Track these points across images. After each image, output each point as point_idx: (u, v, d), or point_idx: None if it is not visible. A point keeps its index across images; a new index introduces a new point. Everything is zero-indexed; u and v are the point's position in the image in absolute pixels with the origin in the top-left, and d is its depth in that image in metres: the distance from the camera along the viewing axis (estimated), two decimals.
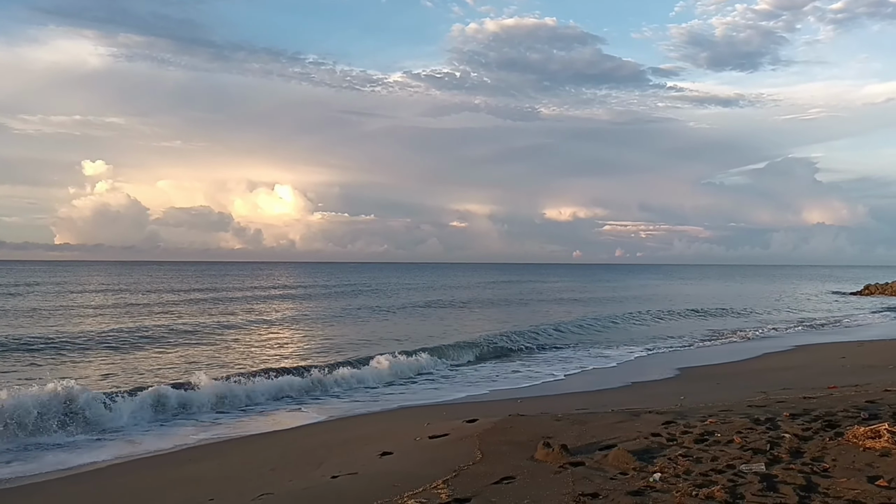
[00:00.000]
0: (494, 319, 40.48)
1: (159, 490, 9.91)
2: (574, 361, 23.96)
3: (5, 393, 13.73)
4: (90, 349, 24.81)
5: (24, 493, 10.23)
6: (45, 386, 14.46)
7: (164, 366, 21.84)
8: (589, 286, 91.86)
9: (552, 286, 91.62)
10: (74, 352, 24.20)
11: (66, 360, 22.65)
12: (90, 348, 25.05)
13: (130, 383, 17.75)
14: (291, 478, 9.73)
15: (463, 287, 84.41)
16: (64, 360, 22.61)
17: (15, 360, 22.05)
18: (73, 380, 15.53)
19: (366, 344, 27.67)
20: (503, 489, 7.59)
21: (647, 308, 49.67)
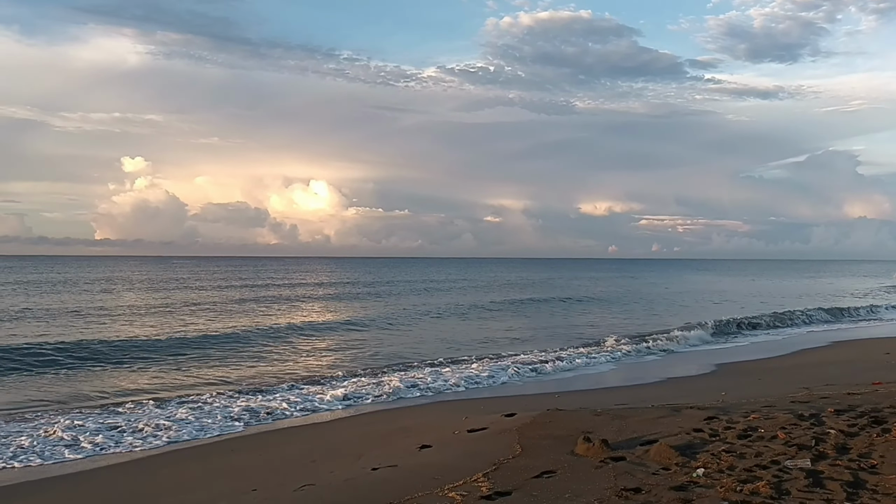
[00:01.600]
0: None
1: (205, 479, 10.09)
2: (608, 357, 23.78)
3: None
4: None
5: (78, 480, 10.47)
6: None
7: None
8: (628, 282, 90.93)
9: (586, 281, 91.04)
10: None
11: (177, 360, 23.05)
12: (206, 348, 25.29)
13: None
14: (332, 469, 9.82)
15: (541, 283, 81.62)
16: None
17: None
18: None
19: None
20: (544, 483, 7.59)
21: (682, 303, 49.22)
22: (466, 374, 19.32)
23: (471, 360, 22.01)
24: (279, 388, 17.54)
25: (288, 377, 19.25)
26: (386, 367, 20.95)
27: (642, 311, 44.22)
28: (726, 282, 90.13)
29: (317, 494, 8.30)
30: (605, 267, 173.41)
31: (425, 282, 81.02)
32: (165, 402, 15.85)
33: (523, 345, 26.56)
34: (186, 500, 9.09)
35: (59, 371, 19.89)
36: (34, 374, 19.46)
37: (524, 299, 52.28)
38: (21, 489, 10.07)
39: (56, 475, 10.66)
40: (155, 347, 24.28)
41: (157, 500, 9.26)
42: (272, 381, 18.62)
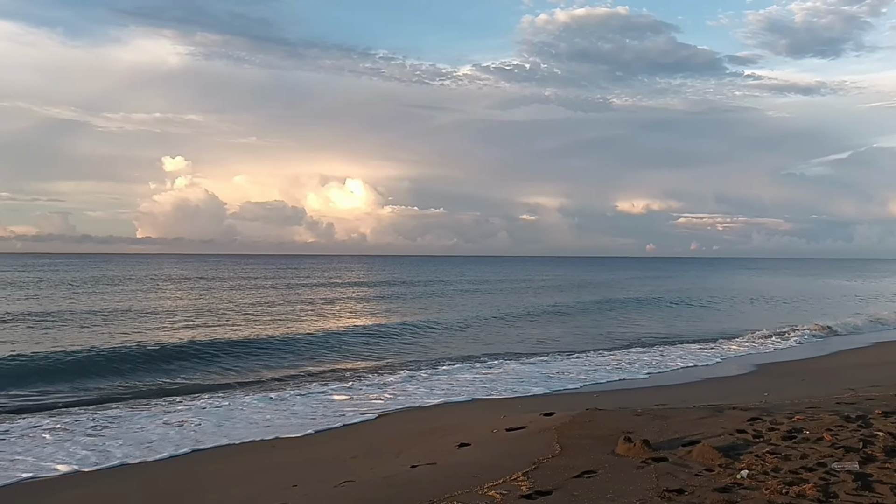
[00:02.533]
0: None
1: (246, 475, 10.19)
2: (647, 356, 23.55)
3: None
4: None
5: (122, 476, 10.66)
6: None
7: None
8: (665, 281, 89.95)
9: (622, 278, 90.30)
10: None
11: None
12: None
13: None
14: (372, 466, 9.88)
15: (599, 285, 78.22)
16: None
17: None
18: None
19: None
20: (585, 483, 7.54)
21: (723, 302, 48.58)
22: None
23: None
24: (322, 385, 17.70)
25: (330, 374, 19.43)
26: (429, 363, 21.03)
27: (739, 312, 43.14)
28: (781, 281, 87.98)
29: (357, 491, 8.34)
30: (649, 266, 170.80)
31: (492, 282, 79.14)
32: (209, 397, 16.11)
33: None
34: (229, 496, 9.19)
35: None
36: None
37: (602, 300, 51.35)
38: (61, 483, 10.27)
39: (104, 471, 10.82)
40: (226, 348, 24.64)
41: (200, 496, 9.37)
42: (313, 379, 18.79)
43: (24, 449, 11.73)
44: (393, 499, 7.71)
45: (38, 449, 11.76)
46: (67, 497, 9.55)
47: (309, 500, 8.18)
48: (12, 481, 10.13)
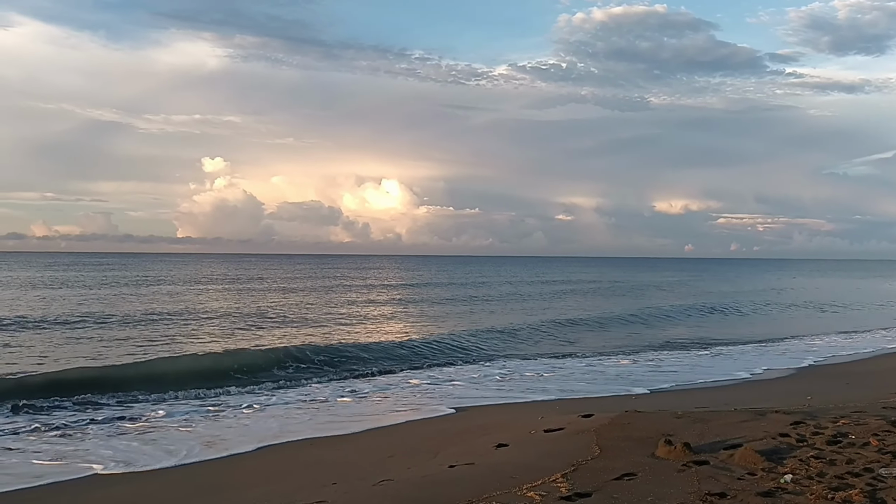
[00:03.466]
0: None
1: (286, 472, 10.33)
2: (686, 358, 23.31)
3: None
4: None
5: (165, 473, 10.85)
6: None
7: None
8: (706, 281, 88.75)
9: (664, 278, 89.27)
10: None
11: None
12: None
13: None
14: (410, 465, 9.91)
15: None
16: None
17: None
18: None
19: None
20: (625, 485, 7.48)
21: (765, 302, 47.86)
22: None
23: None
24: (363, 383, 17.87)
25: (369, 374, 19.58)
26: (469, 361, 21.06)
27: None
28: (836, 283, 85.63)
29: (395, 490, 8.37)
30: (689, 267, 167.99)
31: (535, 283, 76.88)
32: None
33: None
34: (270, 492, 9.29)
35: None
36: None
37: (642, 300, 50.73)
38: (115, 479, 10.49)
39: (147, 469, 10.99)
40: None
41: (241, 492, 9.49)
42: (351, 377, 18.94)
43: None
44: (431, 498, 7.72)
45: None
46: (119, 492, 9.74)
47: (348, 498, 8.23)
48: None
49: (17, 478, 10.26)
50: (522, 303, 48.04)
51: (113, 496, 9.57)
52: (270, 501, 8.74)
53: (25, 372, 18.17)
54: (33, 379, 17.23)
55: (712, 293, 61.31)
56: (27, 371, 18.33)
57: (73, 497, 9.57)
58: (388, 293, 57.62)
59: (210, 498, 9.31)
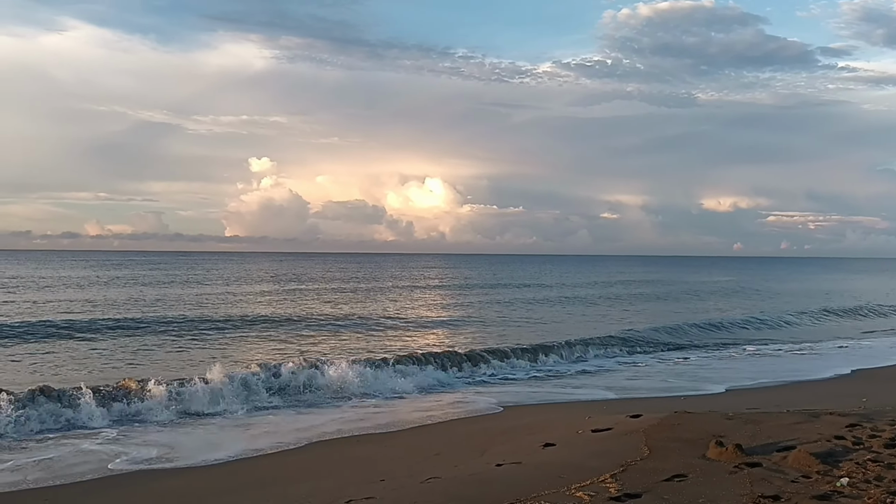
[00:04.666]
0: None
1: (333, 468, 10.41)
2: (737, 359, 22.95)
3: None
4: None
5: (214, 468, 11.05)
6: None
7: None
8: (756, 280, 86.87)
9: (708, 278, 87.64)
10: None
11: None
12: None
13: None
14: (457, 463, 9.93)
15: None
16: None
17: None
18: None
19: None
20: (675, 486, 7.40)
21: (818, 303, 46.77)
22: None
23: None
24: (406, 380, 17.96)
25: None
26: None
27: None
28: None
29: (443, 487, 8.39)
30: (745, 266, 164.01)
31: (595, 285, 70.89)
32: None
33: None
34: (316, 487, 9.37)
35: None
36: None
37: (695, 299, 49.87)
38: (156, 474, 10.71)
39: (192, 465, 11.18)
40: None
41: (287, 487, 9.58)
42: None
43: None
44: (479, 496, 7.72)
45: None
46: (171, 485, 9.96)
47: (397, 494, 8.27)
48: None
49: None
50: (581, 305, 47.74)
51: (166, 488, 9.78)
52: (318, 497, 8.81)
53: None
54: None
55: (777, 294, 60.14)
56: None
57: (114, 491, 9.81)
58: (439, 292, 57.70)
59: (256, 492, 9.42)
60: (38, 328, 25.80)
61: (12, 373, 18.17)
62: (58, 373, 18.28)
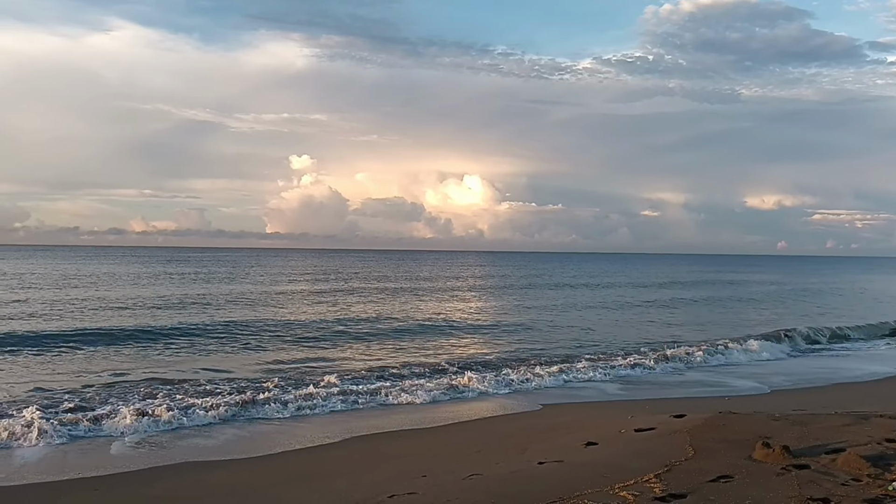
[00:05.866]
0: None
1: (374, 463, 10.47)
2: (778, 360, 22.57)
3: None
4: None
5: (256, 461, 11.20)
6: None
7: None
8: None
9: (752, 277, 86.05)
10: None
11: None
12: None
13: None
14: (498, 461, 9.91)
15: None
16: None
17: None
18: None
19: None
20: (721, 487, 7.30)
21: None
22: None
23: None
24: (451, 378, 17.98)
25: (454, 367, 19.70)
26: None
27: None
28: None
29: (485, 485, 8.38)
30: (791, 265, 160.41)
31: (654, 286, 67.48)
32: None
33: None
34: (359, 482, 9.44)
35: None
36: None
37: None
38: (202, 467, 10.88)
39: (234, 458, 11.36)
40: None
41: (330, 481, 9.67)
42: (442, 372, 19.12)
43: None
44: (521, 494, 7.70)
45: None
46: (217, 477, 10.12)
47: (438, 491, 8.28)
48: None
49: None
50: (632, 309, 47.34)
51: (213, 481, 9.94)
52: (361, 491, 8.85)
53: None
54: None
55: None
56: None
57: (163, 482, 9.99)
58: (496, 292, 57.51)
59: (300, 486, 9.52)
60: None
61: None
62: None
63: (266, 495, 9.11)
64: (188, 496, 9.14)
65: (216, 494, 9.20)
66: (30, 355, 20.00)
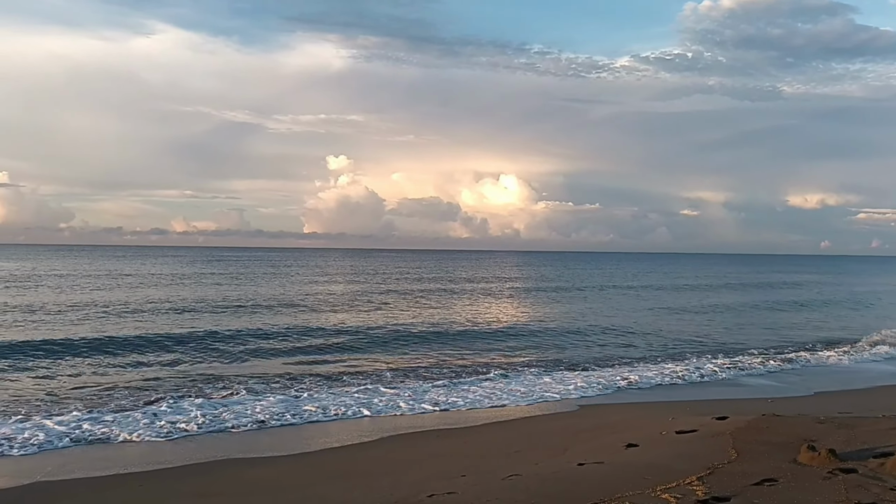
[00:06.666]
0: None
1: (414, 462, 10.51)
2: (811, 361, 22.17)
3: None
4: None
5: (298, 457, 11.32)
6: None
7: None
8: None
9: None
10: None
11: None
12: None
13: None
14: (537, 461, 9.88)
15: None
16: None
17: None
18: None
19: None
20: (765, 491, 7.20)
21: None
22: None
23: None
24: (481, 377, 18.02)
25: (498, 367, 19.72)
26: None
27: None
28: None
29: (525, 485, 8.36)
30: (834, 265, 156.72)
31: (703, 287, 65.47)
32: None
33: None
34: (398, 481, 9.48)
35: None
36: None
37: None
38: (243, 463, 11.04)
39: (274, 455, 11.50)
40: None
41: (370, 480, 9.72)
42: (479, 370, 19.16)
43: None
44: (561, 495, 7.67)
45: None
46: (258, 474, 10.26)
47: (478, 490, 8.28)
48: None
49: None
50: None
51: (254, 477, 10.08)
52: (401, 490, 8.89)
53: None
54: None
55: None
56: None
57: (208, 478, 10.15)
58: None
59: (339, 483, 9.60)
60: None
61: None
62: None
63: (307, 493, 9.19)
64: (232, 492, 9.27)
65: (259, 491, 9.31)
66: (75, 354, 20.46)
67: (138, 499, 9.18)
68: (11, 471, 10.34)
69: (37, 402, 14.49)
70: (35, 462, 10.80)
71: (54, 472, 10.24)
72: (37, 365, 18.67)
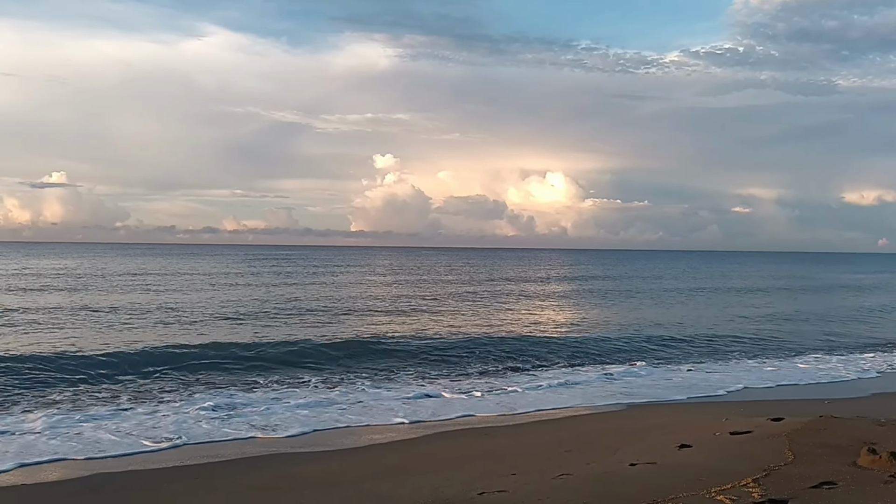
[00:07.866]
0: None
1: (463, 459, 10.52)
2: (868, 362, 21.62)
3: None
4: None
5: (348, 453, 11.45)
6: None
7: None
8: None
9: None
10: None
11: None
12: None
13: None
14: (588, 461, 9.82)
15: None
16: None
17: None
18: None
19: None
20: (824, 494, 7.05)
21: None
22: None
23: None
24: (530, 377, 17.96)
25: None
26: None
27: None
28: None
29: (575, 484, 8.32)
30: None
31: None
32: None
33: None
34: (448, 478, 9.50)
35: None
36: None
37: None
38: (295, 458, 11.20)
39: (325, 450, 11.66)
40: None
41: (420, 476, 9.76)
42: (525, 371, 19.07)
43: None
44: (613, 495, 7.61)
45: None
46: (308, 470, 10.40)
47: (529, 489, 8.26)
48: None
49: None
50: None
51: (306, 473, 10.22)
52: (451, 487, 8.91)
53: None
54: None
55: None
56: None
57: (261, 473, 10.31)
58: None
59: (390, 479, 9.65)
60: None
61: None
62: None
63: (360, 488, 9.27)
64: (286, 486, 9.40)
65: (310, 487, 9.43)
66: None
67: (194, 491, 9.35)
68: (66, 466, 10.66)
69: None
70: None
71: (112, 465, 10.54)
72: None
